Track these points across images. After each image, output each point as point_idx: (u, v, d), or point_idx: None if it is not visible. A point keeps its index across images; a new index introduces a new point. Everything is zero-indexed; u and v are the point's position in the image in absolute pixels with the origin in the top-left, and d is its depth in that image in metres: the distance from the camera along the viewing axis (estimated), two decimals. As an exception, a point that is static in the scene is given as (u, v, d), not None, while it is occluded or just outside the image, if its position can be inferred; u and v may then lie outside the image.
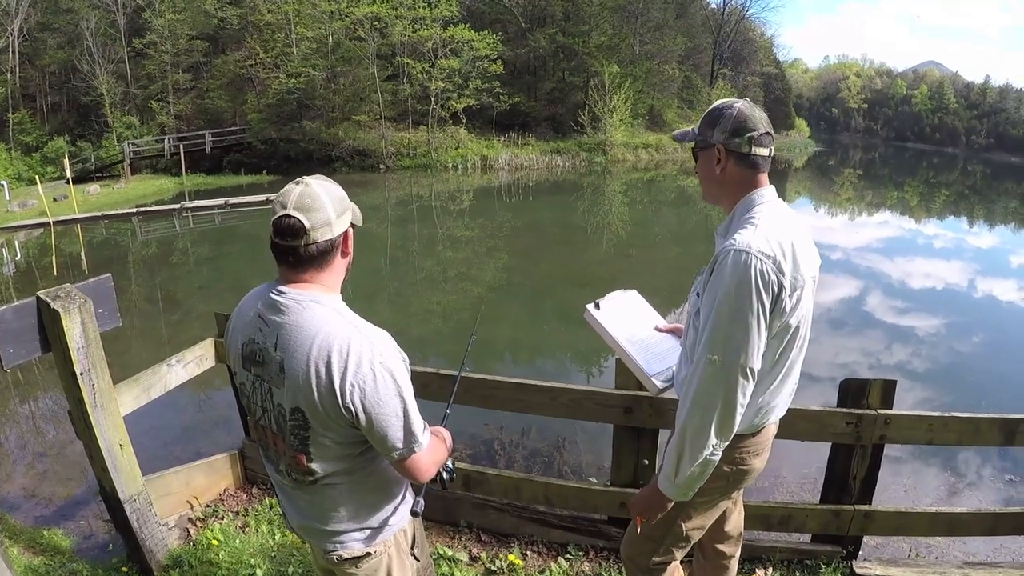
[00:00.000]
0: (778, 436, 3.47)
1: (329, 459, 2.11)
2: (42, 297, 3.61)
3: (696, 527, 2.70)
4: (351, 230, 2.16)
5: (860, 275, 17.11)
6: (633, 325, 2.98)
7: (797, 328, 2.33)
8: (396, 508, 2.30)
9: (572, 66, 51.50)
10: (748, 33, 70.57)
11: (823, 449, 3.92)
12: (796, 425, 3.48)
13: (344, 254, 2.14)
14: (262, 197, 29.39)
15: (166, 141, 45.49)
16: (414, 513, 2.26)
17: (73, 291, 3.74)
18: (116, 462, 3.85)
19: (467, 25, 47.08)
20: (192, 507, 4.92)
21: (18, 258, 23.32)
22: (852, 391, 3.61)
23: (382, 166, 45.35)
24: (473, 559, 4.19)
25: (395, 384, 1.98)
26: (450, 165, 45.40)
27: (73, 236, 25.71)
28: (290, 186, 2.05)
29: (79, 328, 3.62)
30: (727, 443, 2.33)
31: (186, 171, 43.00)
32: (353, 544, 2.24)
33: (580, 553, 4.19)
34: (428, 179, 41.48)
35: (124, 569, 4.22)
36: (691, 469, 2.32)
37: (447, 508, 4.54)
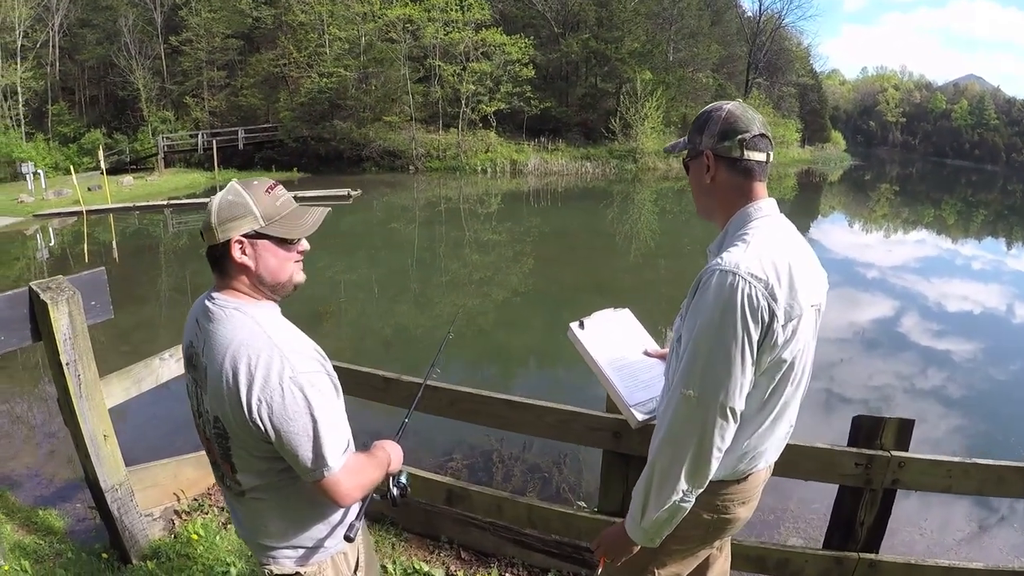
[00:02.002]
0: (779, 475, 3.25)
1: (251, 472, 2.04)
2: (33, 287, 3.66)
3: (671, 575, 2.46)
4: (253, 242, 1.99)
5: (894, 295, 16.57)
6: (619, 348, 2.73)
7: (792, 364, 2.03)
8: (333, 529, 2.18)
9: (604, 72, 51.31)
10: (784, 42, 69.27)
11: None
12: (800, 464, 3.26)
13: (236, 264, 1.99)
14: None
15: (200, 136, 46.42)
16: (347, 538, 2.11)
17: (64, 283, 3.77)
18: (99, 452, 3.91)
19: (499, 29, 47.22)
20: (179, 499, 4.93)
21: (52, 244, 23.77)
22: (864, 429, 3.29)
23: (412, 167, 45.65)
24: None
25: (305, 401, 1.87)
26: (479, 168, 45.51)
27: (106, 225, 26.26)
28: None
29: (66, 319, 3.68)
30: (700, 490, 2.05)
31: (218, 166, 43.70)
32: (285, 561, 2.16)
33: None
34: (457, 181, 41.50)
35: (104, 555, 4.27)
36: (657, 514, 2.06)
37: (429, 521, 4.42)
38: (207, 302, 2.01)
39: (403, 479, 2.38)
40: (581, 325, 2.74)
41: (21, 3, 47.33)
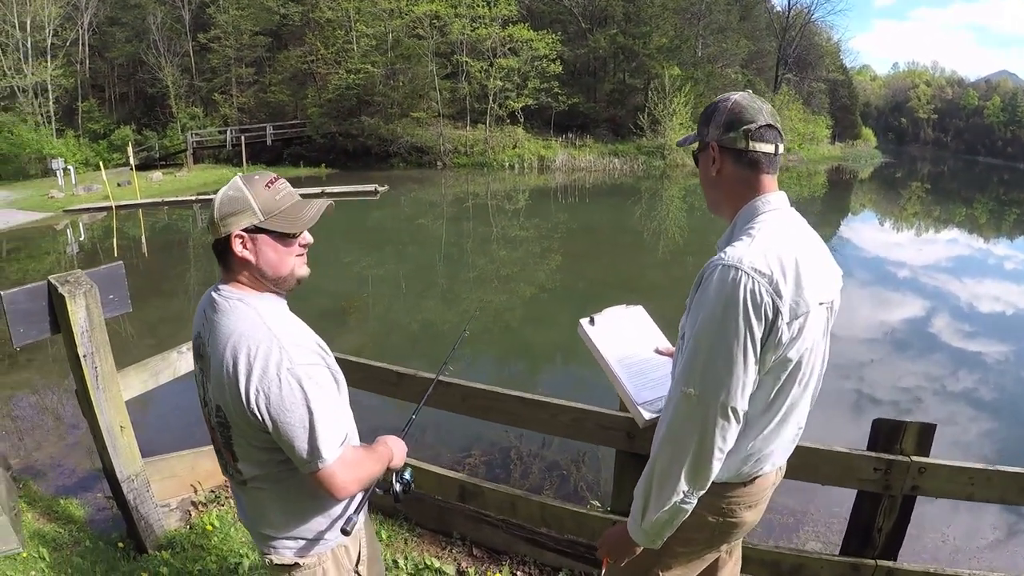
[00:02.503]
0: (796, 478, 3.20)
1: (252, 462, 2.07)
2: (52, 281, 3.73)
3: None
4: (253, 236, 2.01)
5: (925, 295, 16.19)
6: (630, 346, 2.67)
7: (799, 363, 1.95)
8: (334, 522, 2.19)
9: (632, 68, 51.04)
10: (814, 38, 68.39)
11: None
12: (818, 467, 3.18)
13: (237, 258, 2.02)
14: (317, 190, 29.81)
15: (228, 132, 47.01)
16: (344, 532, 2.11)
17: (82, 277, 3.84)
18: (115, 442, 3.97)
19: (526, 24, 47.20)
20: (196, 491, 4.97)
21: (82, 239, 24.09)
22: (884, 433, 3.18)
23: (439, 163, 45.87)
24: (460, 573, 4.06)
25: (302, 393, 1.89)
26: (507, 164, 45.57)
27: (135, 220, 26.67)
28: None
29: (83, 312, 3.74)
30: (702, 491, 1.99)
31: (247, 162, 44.23)
32: (285, 552, 2.17)
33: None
34: (484, 177, 41.53)
35: (121, 544, 4.35)
36: (657, 515, 2.00)
37: (441, 518, 4.40)
38: (213, 293, 2.05)
39: (407, 475, 2.39)
40: (592, 321, 2.70)
41: (51, 2, 48.10)
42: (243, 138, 45.00)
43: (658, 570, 2.31)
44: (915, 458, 3.10)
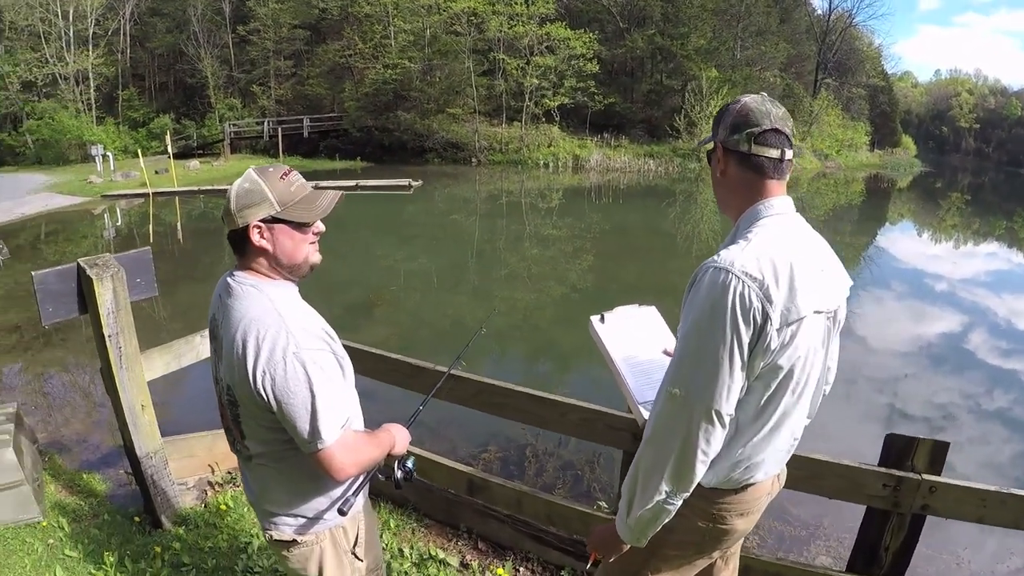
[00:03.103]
0: (804, 490, 3.20)
1: (257, 440, 2.17)
2: (81, 263, 3.87)
3: None
4: (270, 226, 2.10)
5: (963, 309, 15.62)
6: (638, 346, 2.66)
7: (791, 372, 1.92)
8: (333, 503, 2.27)
9: (670, 69, 50.61)
10: (855, 42, 67.14)
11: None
12: (825, 480, 3.12)
13: (255, 248, 2.11)
14: (351, 182, 30.09)
15: (266, 124, 47.73)
16: (340, 512, 2.21)
17: (110, 260, 3.95)
18: (136, 420, 4.10)
19: (564, 23, 47.11)
20: (213, 471, 5.10)
21: (119, 224, 24.68)
22: (895, 449, 3.09)
23: (474, 159, 46.05)
24: (464, 566, 4.09)
25: (306, 376, 1.97)
26: (541, 163, 45.58)
27: (172, 207, 27.27)
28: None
29: (110, 295, 3.85)
30: (686, 493, 1.98)
31: (283, 153, 45.02)
32: (285, 528, 2.26)
33: (576, 580, 4.02)
34: (519, 175, 41.50)
35: (137, 519, 4.50)
36: (641, 512, 2.01)
37: (449, 510, 4.45)
38: (228, 279, 2.14)
39: (409, 463, 2.46)
40: (602, 319, 2.71)
41: (93, -9, 48.75)
42: (280, 130, 45.70)
43: (648, 572, 2.33)
44: (926, 476, 3.02)
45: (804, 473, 3.04)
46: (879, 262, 20.51)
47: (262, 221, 2.07)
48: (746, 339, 1.81)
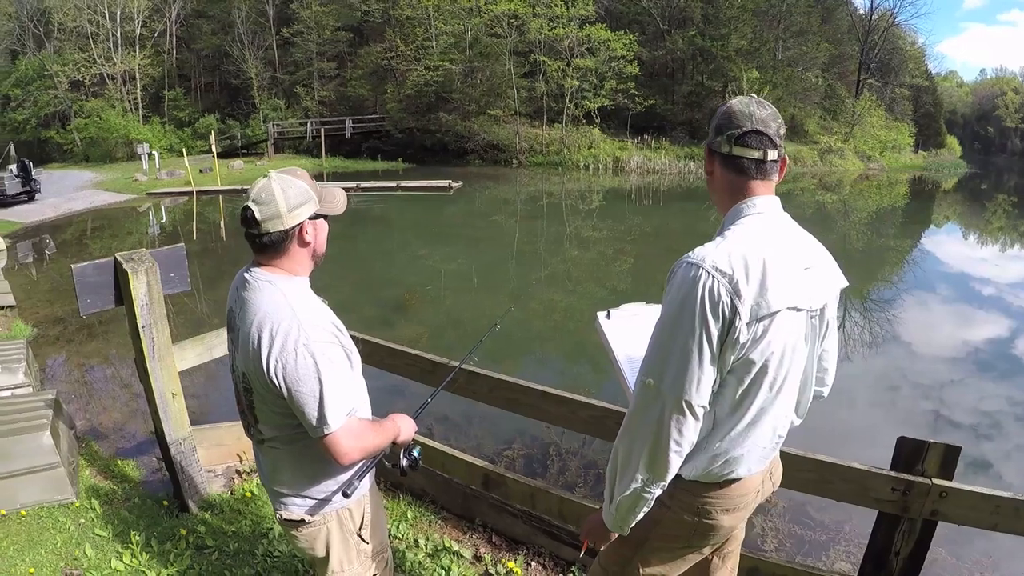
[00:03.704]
0: (811, 493, 3.21)
1: (270, 424, 2.32)
2: (118, 257, 4.09)
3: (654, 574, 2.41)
4: (313, 222, 2.28)
5: (1011, 314, 15.02)
6: (641, 343, 2.50)
7: (764, 367, 1.95)
8: (340, 486, 2.39)
9: (710, 70, 49.98)
10: (897, 41, 65.53)
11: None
12: (833, 483, 3.08)
13: (303, 243, 2.26)
14: (392, 183, 30.45)
15: (309, 124, 48.35)
16: (344, 494, 2.34)
17: (145, 255, 4.16)
18: (167, 408, 4.29)
19: (604, 25, 46.88)
20: (241, 460, 5.27)
21: (163, 221, 25.33)
22: (905, 453, 3.01)
23: (515, 161, 46.10)
24: (477, 558, 4.16)
25: (315, 366, 2.11)
26: (582, 164, 45.47)
27: (215, 206, 27.86)
28: (258, 179, 2.25)
29: (144, 288, 4.04)
30: (662, 482, 2.03)
31: (326, 154, 45.61)
32: (294, 509, 2.40)
33: (584, 574, 4.01)
34: (559, 177, 41.37)
35: (165, 503, 4.71)
36: (619, 499, 2.07)
37: (466, 503, 4.53)
38: (245, 274, 2.28)
39: (415, 452, 2.58)
40: (608, 315, 2.78)
41: (139, -6, 49.72)
42: (323, 130, 46.29)
43: (638, 563, 2.36)
44: (937, 481, 2.94)
45: (812, 476, 3.07)
46: (924, 266, 20.12)
47: (309, 218, 2.25)
48: (715, 332, 1.87)
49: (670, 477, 2.02)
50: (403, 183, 31.55)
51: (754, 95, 2.13)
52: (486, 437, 7.13)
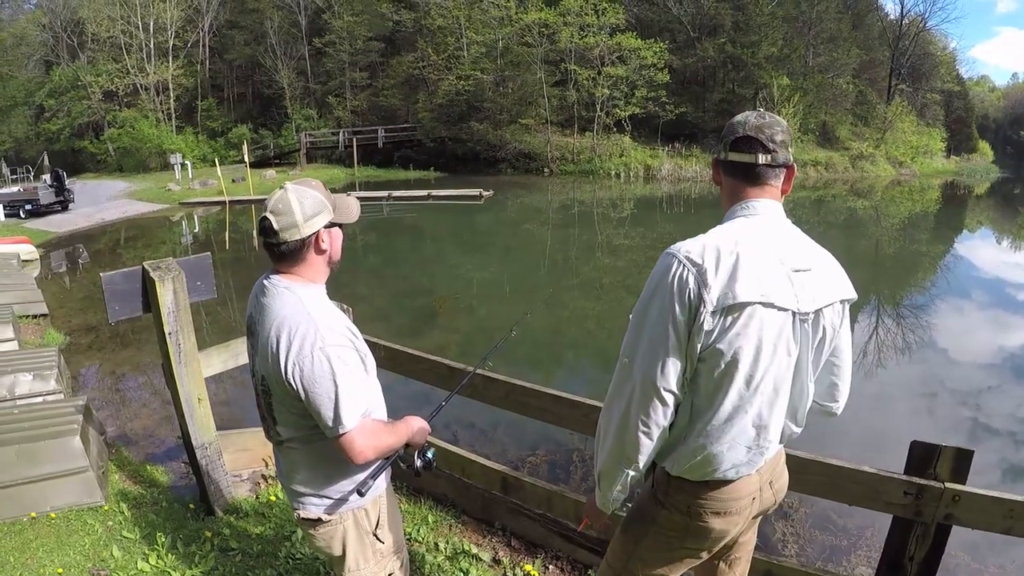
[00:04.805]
0: (824, 497, 3.22)
1: (288, 425, 2.40)
2: (145, 266, 4.21)
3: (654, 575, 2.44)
4: (329, 230, 2.37)
5: None
6: None
7: (735, 359, 1.97)
8: (356, 486, 2.46)
9: (741, 77, 49.64)
10: (928, 46, 64.65)
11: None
12: (846, 488, 3.07)
13: (319, 251, 2.35)
14: (423, 192, 30.62)
15: (341, 134, 48.99)
16: (359, 493, 2.41)
17: (172, 264, 4.28)
18: (193, 413, 4.40)
19: (634, 33, 46.75)
20: (267, 465, 5.39)
21: (196, 230, 25.80)
22: (917, 456, 2.99)
23: (546, 170, 46.19)
24: (495, 562, 4.21)
25: (330, 369, 2.19)
26: (613, 172, 45.48)
27: (248, 215, 28.17)
28: (274, 191, 2.32)
29: (171, 295, 4.16)
30: (635, 464, 2.10)
31: (358, 163, 46.02)
32: (312, 508, 2.47)
33: (596, 576, 4.05)
34: (590, 185, 41.44)
35: (192, 506, 4.83)
36: (598, 472, 2.24)
37: (486, 507, 4.58)
38: (265, 281, 2.37)
39: (429, 454, 2.65)
40: None
41: (173, 5, 50.63)
42: (355, 140, 46.74)
43: (635, 562, 2.42)
44: (949, 485, 2.91)
45: (825, 480, 3.07)
46: (957, 271, 19.80)
47: (324, 227, 2.34)
48: (681, 317, 1.95)
49: (642, 460, 2.10)
50: (434, 192, 31.84)
51: (762, 109, 2.26)
52: (511, 443, 7.22)
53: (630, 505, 2.54)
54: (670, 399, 2.01)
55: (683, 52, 49.97)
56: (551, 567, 4.16)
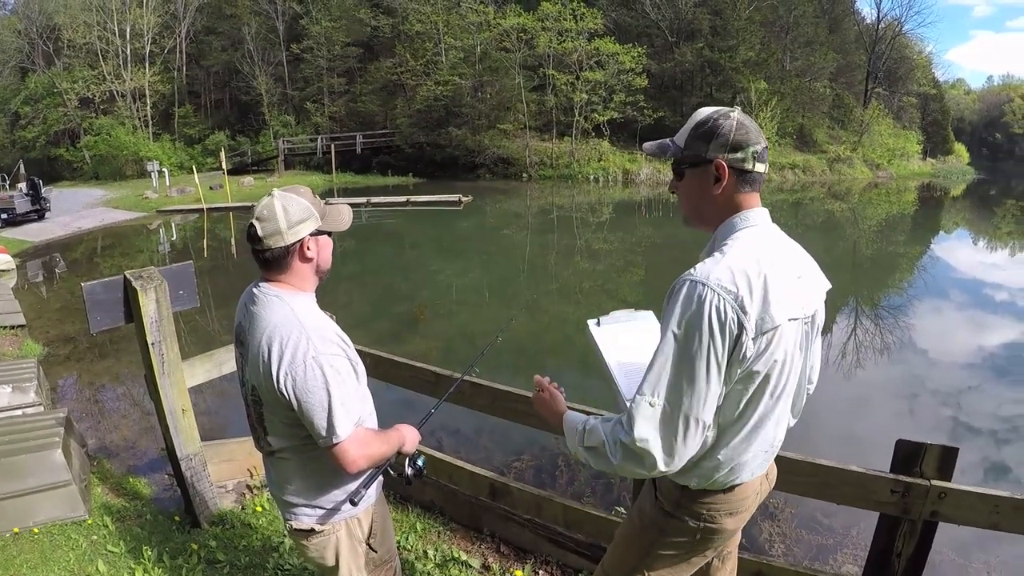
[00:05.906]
0: (813, 497, 3.24)
1: (279, 435, 2.38)
2: (127, 275, 4.14)
3: None
4: (316, 238, 2.35)
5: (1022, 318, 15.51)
6: (633, 350, 2.63)
7: (767, 376, 1.96)
8: (348, 496, 2.44)
9: (719, 81, 50.09)
10: (904, 50, 65.88)
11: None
12: (836, 487, 3.10)
13: (304, 259, 2.32)
14: (402, 198, 30.54)
15: (319, 140, 48.96)
16: (351, 502, 2.39)
17: (154, 273, 4.22)
18: (177, 424, 4.35)
19: (612, 38, 47.17)
20: (251, 475, 5.33)
21: (174, 239, 25.48)
22: (903, 455, 3.03)
23: (525, 175, 46.34)
24: (485, 568, 4.19)
25: (323, 378, 2.17)
26: (591, 177, 45.73)
27: (226, 223, 28.06)
28: (263, 197, 2.32)
29: (153, 305, 4.10)
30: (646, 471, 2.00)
31: (336, 169, 46.07)
32: (304, 519, 2.45)
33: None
34: (569, 190, 41.58)
35: (177, 518, 4.77)
36: (585, 440, 2.16)
37: (473, 514, 4.55)
38: (254, 289, 2.35)
39: (419, 462, 2.64)
40: (598, 323, 2.77)
41: (150, 11, 50.40)
42: (333, 146, 46.79)
43: (644, 570, 2.37)
44: (935, 482, 2.96)
45: (814, 480, 3.09)
46: (934, 272, 19.97)
47: (310, 235, 2.31)
48: (722, 350, 1.86)
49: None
50: (413, 198, 31.76)
51: (739, 107, 2.16)
52: (496, 448, 7.19)
53: (625, 514, 2.51)
54: (703, 429, 1.95)
55: (661, 57, 50.31)
56: (541, 572, 4.16)
